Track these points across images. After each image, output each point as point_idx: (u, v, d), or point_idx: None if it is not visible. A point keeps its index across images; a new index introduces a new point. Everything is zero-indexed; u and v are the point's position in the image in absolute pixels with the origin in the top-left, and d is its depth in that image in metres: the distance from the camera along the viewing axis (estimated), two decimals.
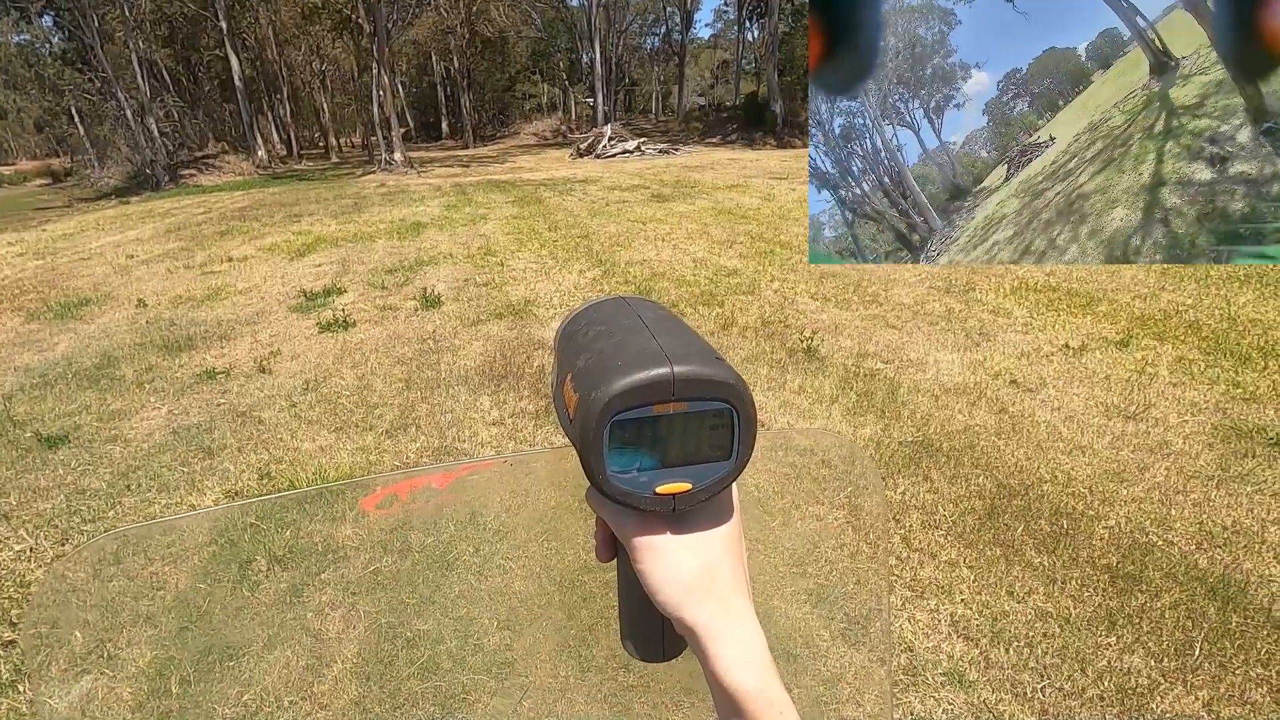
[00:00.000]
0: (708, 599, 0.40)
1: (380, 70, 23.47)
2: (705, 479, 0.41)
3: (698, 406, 0.39)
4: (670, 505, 0.41)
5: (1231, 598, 2.28)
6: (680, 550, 0.41)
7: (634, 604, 0.45)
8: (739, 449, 0.41)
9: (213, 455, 3.45)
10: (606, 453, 0.39)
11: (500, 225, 10.23)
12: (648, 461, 0.40)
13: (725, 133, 31.76)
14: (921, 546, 2.61)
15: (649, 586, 0.41)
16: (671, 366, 0.38)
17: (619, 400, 0.38)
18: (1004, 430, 3.47)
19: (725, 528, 0.43)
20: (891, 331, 4.96)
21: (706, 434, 0.40)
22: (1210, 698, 1.92)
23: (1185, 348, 4.42)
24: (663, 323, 0.44)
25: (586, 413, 0.38)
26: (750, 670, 0.39)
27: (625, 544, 0.43)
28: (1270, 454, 3.16)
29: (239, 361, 4.79)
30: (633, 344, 0.41)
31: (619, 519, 0.43)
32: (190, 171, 23.54)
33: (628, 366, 0.38)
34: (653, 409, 0.38)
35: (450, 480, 0.92)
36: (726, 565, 0.42)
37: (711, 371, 0.39)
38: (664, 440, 0.40)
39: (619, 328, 0.43)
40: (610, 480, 0.40)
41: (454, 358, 4.69)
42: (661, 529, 0.42)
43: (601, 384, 0.38)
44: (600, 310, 0.47)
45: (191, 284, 7.23)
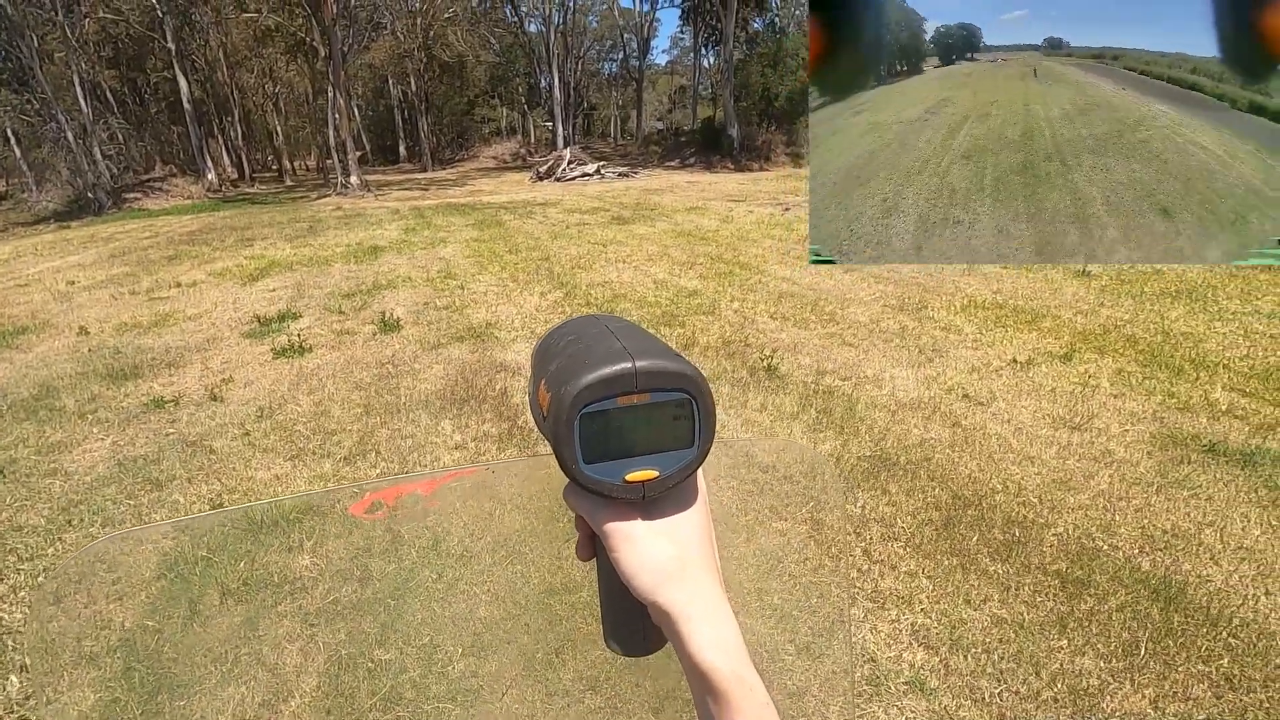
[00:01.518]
0: (680, 582, 0.42)
1: (336, 93, 23.26)
2: (671, 466, 0.44)
3: (659, 397, 0.42)
4: (640, 492, 0.43)
5: (1173, 598, 2.38)
6: (652, 536, 0.43)
7: (614, 598, 0.47)
8: (701, 436, 0.44)
9: (161, 487, 3.33)
10: (578, 444, 0.42)
11: (460, 248, 10.18)
12: (616, 450, 0.43)
13: (684, 156, 32.24)
14: (882, 558, 2.66)
15: (624, 573, 0.43)
16: (634, 361, 0.41)
17: (587, 393, 0.41)
18: (958, 443, 3.58)
19: (694, 514, 0.45)
20: (848, 349, 5.08)
21: (670, 423, 0.43)
22: (1156, 695, 1.99)
23: (1124, 360, 4.64)
24: (628, 330, 0.47)
25: (558, 408, 0.41)
26: (722, 651, 0.40)
27: (600, 534, 0.45)
28: (1204, 460, 3.32)
29: (189, 389, 4.64)
30: (599, 347, 0.44)
31: (593, 510, 0.45)
32: (135, 195, 22.82)
33: (594, 364, 0.42)
34: (618, 401, 0.41)
35: (435, 487, 0.93)
36: (697, 550, 0.44)
37: (670, 364, 0.42)
38: (630, 430, 0.43)
39: (587, 335, 0.47)
40: (583, 471, 0.43)
41: (414, 382, 4.63)
42: (633, 516, 0.44)
43: (570, 380, 0.41)
44: (572, 324, 0.50)
45: (137, 310, 7.00)
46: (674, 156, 32.74)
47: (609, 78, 57.22)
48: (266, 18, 25.20)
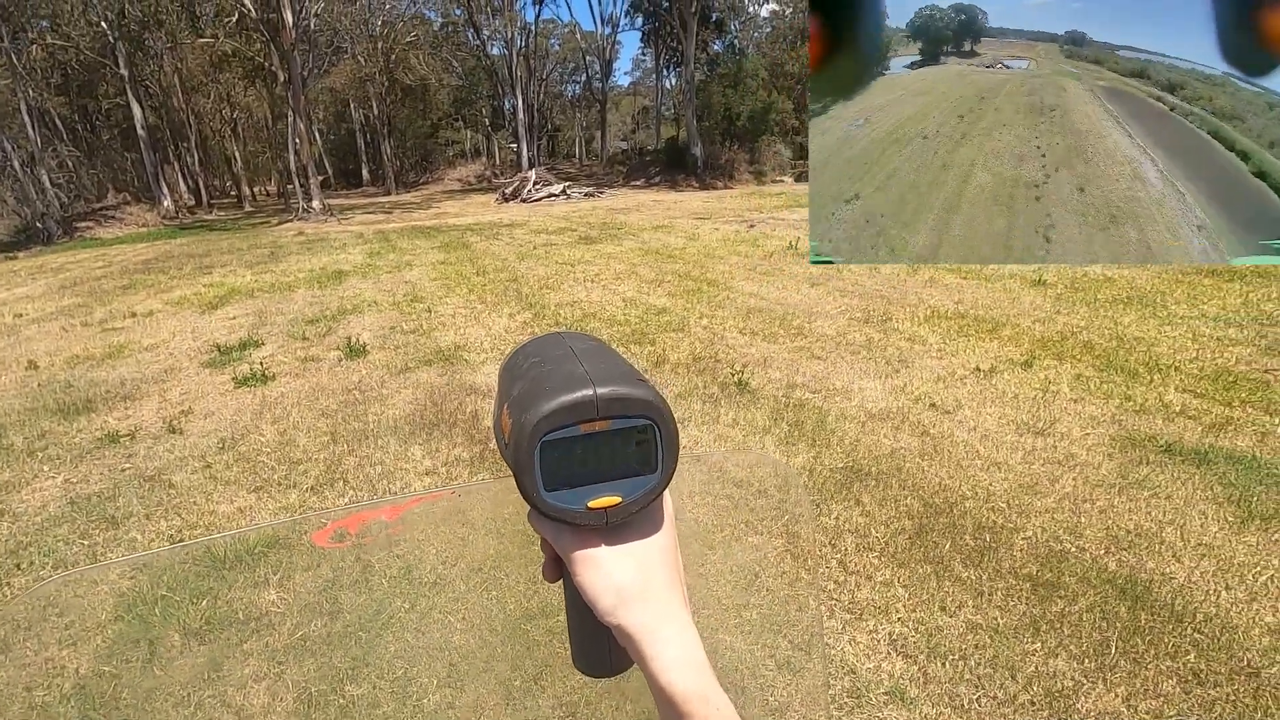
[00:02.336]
0: (644, 604, 0.42)
1: (296, 118, 23.00)
2: (634, 491, 0.43)
3: (621, 424, 0.42)
4: (603, 518, 0.43)
5: (1139, 597, 2.44)
6: (615, 559, 0.43)
7: (580, 620, 0.47)
8: (663, 461, 0.44)
9: (117, 525, 3.20)
10: (539, 473, 0.42)
11: (426, 271, 10.09)
12: (578, 477, 0.43)
13: (649, 175, 32.54)
14: (858, 569, 2.68)
15: (588, 597, 0.43)
16: (595, 388, 0.41)
17: (547, 421, 0.40)
18: (927, 451, 3.63)
19: (658, 536, 0.45)
20: (817, 362, 5.14)
21: (632, 449, 0.43)
22: (1128, 693, 2.03)
23: (1082, 366, 4.77)
24: (592, 352, 0.47)
25: (519, 435, 0.41)
26: (687, 671, 0.40)
27: (564, 559, 0.45)
28: (1161, 460, 3.42)
29: (146, 422, 4.49)
30: (561, 371, 0.44)
31: (557, 536, 0.45)
32: (88, 224, 22.17)
33: (555, 390, 0.41)
34: (580, 428, 0.41)
35: (400, 513, 0.91)
36: (661, 572, 0.44)
37: (632, 391, 0.42)
38: (593, 457, 0.42)
39: (551, 357, 0.46)
40: (544, 499, 0.42)
41: (382, 408, 4.55)
42: (597, 542, 0.44)
43: (531, 408, 0.41)
44: (537, 344, 0.50)
45: (90, 342, 6.77)
46: (639, 176, 33.03)
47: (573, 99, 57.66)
48: (223, 43, 24.89)
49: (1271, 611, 2.36)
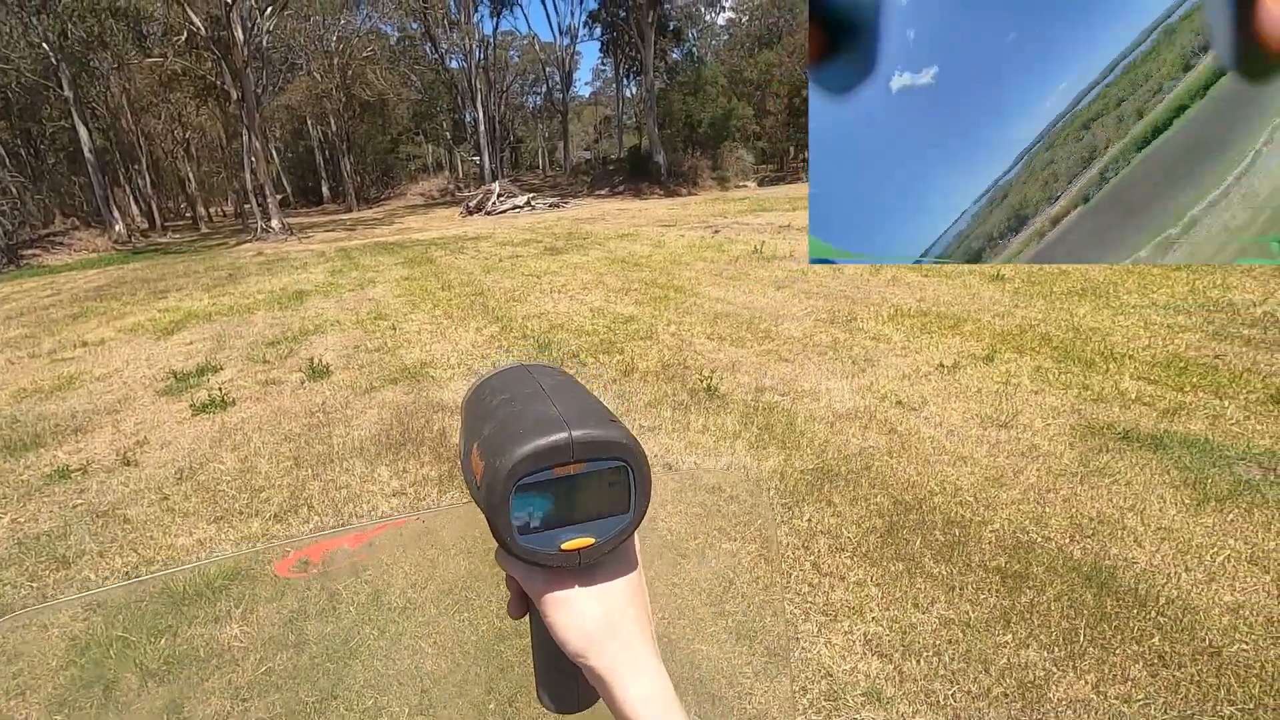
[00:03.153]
0: (611, 644, 0.43)
1: (251, 136, 22.57)
2: (607, 532, 0.44)
3: (595, 466, 0.42)
4: (576, 560, 0.43)
5: (1104, 583, 2.49)
6: (585, 600, 0.44)
7: (547, 656, 0.47)
8: (636, 501, 0.44)
9: (69, 564, 3.07)
10: (512, 516, 0.42)
11: (390, 288, 9.95)
12: (552, 520, 0.43)
13: (612, 184, 32.63)
14: (831, 570, 2.69)
15: (557, 636, 0.44)
16: (569, 431, 0.41)
17: (522, 466, 0.40)
18: (895, 449, 3.67)
19: (628, 576, 0.46)
20: (785, 365, 5.18)
21: (606, 490, 0.43)
22: (1097, 679, 2.06)
23: (1041, 358, 4.88)
24: (561, 389, 0.47)
25: (492, 479, 0.41)
26: (654, 707, 0.41)
27: (534, 600, 0.45)
28: (1120, 448, 3.51)
29: (98, 455, 4.33)
30: (533, 411, 0.43)
31: (528, 576, 0.45)
32: (34, 251, 21.42)
33: (529, 433, 0.41)
34: (554, 471, 0.41)
35: (363, 540, 0.88)
36: (629, 612, 0.45)
37: (606, 433, 0.42)
38: (566, 499, 0.43)
39: (520, 395, 0.46)
40: (518, 542, 0.42)
41: (347, 429, 4.46)
42: (569, 583, 0.44)
43: (505, 451, 0.41)
44: (503, 378, 0.49)
45: (38, 374, 6.52)
46: (603, 185, 33.11)
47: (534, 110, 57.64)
48: (172, 62, 24.34)
49: (1229, 590, 2.42)
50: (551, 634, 0.44)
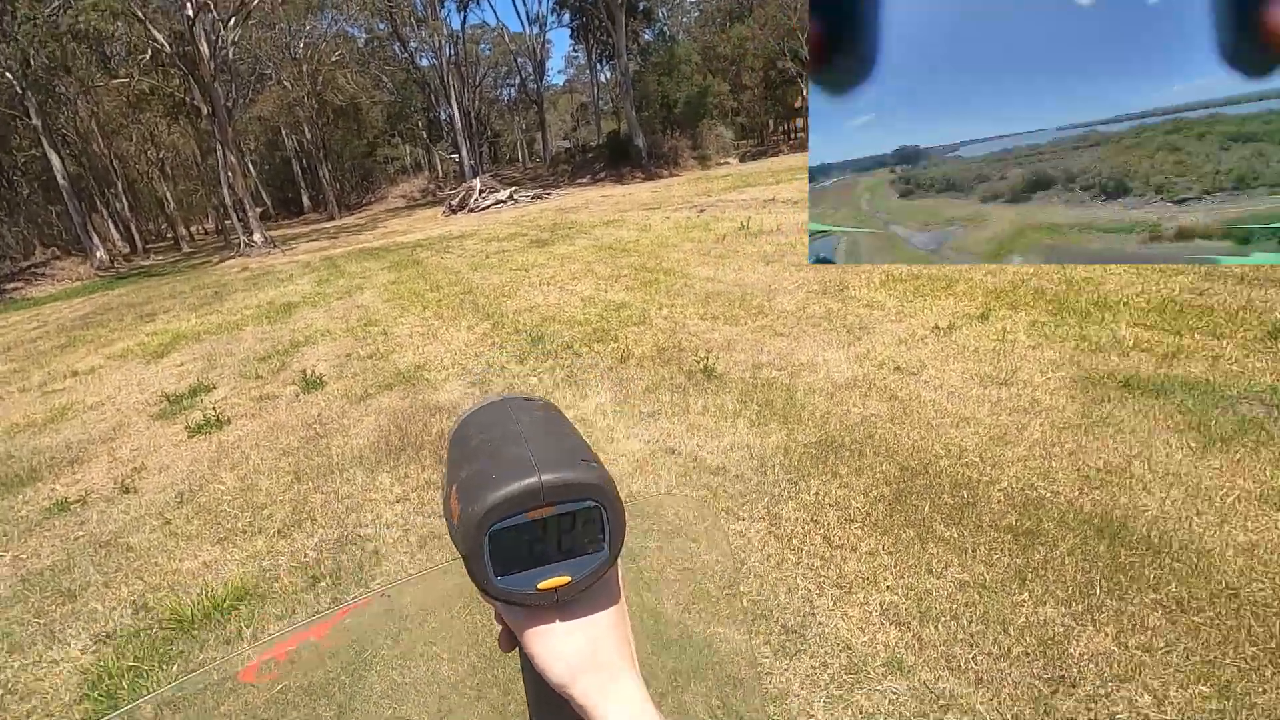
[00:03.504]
0: (593, 674, 0.44)
1: (226, 151, 22.28)
2: (583, 570, 0.45)
3: (567, 507, 0.43)
4: (553, 598, 0.45)
5: (1115, 533, 2.47)
6: (566, 635, 0.46)
7: (536, 687, 0.49)
8: (610, 538, 0.46)
9: (74, 598, 3.04)
10: (488, 560, 0.43)
11: (378, 293, 9.87)
12: (528, 560, 0.44)
13: (594, 172, 32.39)
14: (842, 542, 2.67)
15: (540, 669, 0.46)
16: (539, 476, 0.42)
17: (495, 512, 0.42)
18: (897, 416, 3.65)
19: (609, 609, 0.48)
20: (780, 339, 5.14)
21: (580, 530, 0.45)
22: (1117, 631, 2.05)
23: (1036, 312, 4.86)
24: (538, 426, 0.48)
25: (467, 525, 0.42)
26: None
27: (518, 635, 0.47)
28: (1121, 396, 3.49)
29: (96, 485, 4.28)
30: (507, 454, 0.45)
31: (510, 613, 0.47)
32: (16, 285, 21.21)
33: (501, 480, 0.42)
34: (527, 515, 0.43)
35: (328, 629, 0.85)
36: (610, 641, 0.46)
37: (577, 475, 0.43)
38: (541, 541, 0.44)
39: (496, 436, 0.47)
40: (495, 584, 0.44)
41: (345, 439, 4.42)
42: (550, 618, 0.46)
43: (479, 498, 0.42)
44: (483, 416, 0.51)
45: (30, 408, 6.46)
46: (584, 173, 32.87)
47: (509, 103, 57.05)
48: (139, 82, 23.95)
49: (1242, 531, 2.41)
50: (535, 665, 0.46)
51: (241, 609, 2.77)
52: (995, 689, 1.92)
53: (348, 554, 3.05)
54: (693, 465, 3.44)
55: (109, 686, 2.42)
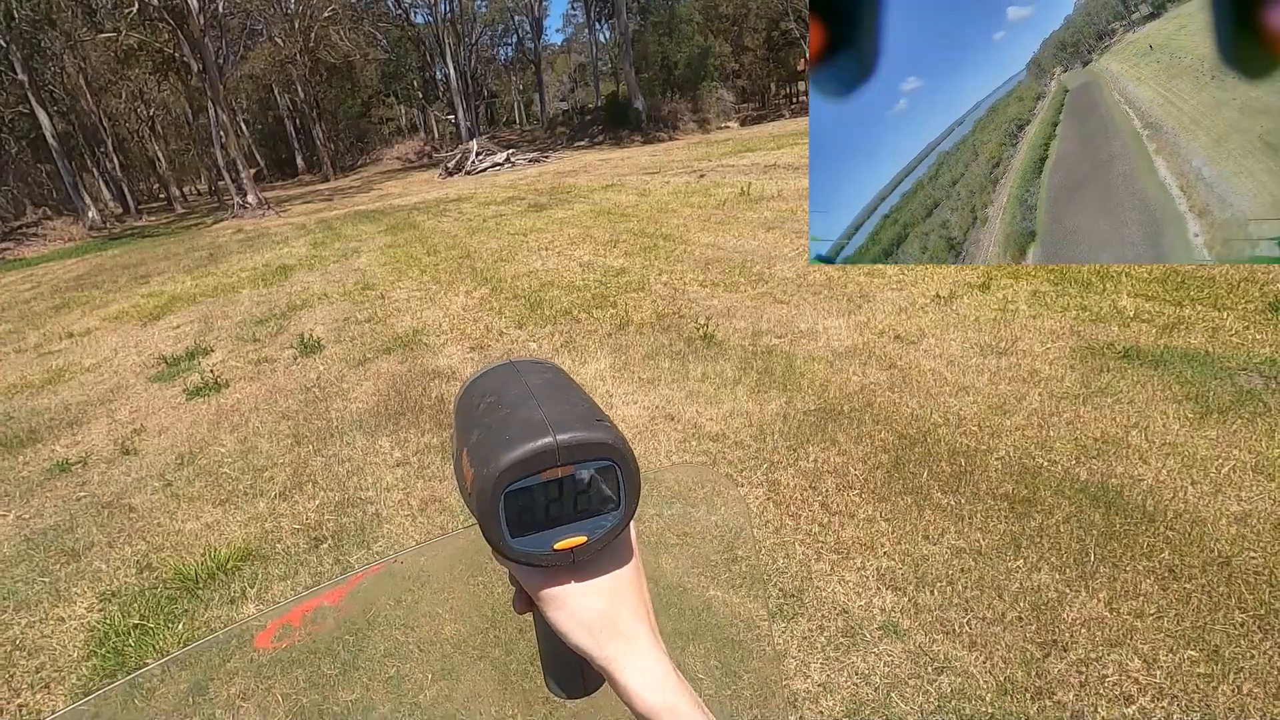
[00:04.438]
0: (612, 635, 0.44)
1: (217, 109, 21.87)
2: (599, 530, 0.44)
3: (583, 467, 0.43)
4: (569, 558, 0.44)
5: (1111, 502, 2.50)
6: (583, 596, 0.45)
7: (551, 647, 0.48)
8: (625, 498, 0.45)
9: (78, 557, 3.07)
10: (504, 522, 0.42)
11: (375, 256, 9.78)
12: (544, 521, 0.43)
13: (592, 135, 31.91)
14: (840, 509, 2.69)
15: (559, 631, 0.45)
16: (554, 435, 0.41)
17: (509, 474, 0.41)
18: (896, 384, 3.66)
19: (625, 569, 0.47)
20: (780, 307, 5.12)
21: (595, 490, 0.44)
22: (1109, 597, 2.09)
23: (1037, 282, 4.84)
24: (548, 388, 0.47)
25: (482, 488, 0.42)
26: (656, 692, 0.43)
27: (534, 597, 0.46)
28: (1121, 366, 3.50)
29: (96, 447, 4.29)
30: (519, 416, 0.44)
31: (525, 575, 0.46)
32: (7, 245, 20.99)
33: (515, 440, 0.42)
34: (541, 475, 0.42)
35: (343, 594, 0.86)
36: (628, 602, 0.46)
37: (591, 435, 0.43)
38: (556, 501, 0.43)
39: (507, 397, 0.46)
40: (510, 545, 0.43)
41: (344, 402, 4.42)
42: (565, 579, 0.45)
43: (492, 459, 0.41)
44: (491, 379, 0.50)
45: (26, 369, 6.44)
46: (582, 136, 32.38)
47: (506, 63, 55.87)
48: (127, 36, 23.37)
49: (1236, 500, 2.44)
50: (553, 627, 0.46)
51: (245, 569, 2.80)
52: (989, 652, 1.96)
53: (349, 516, 3.08)
54: (692, 432, 3.45)
55: (116, 644, 2.45)
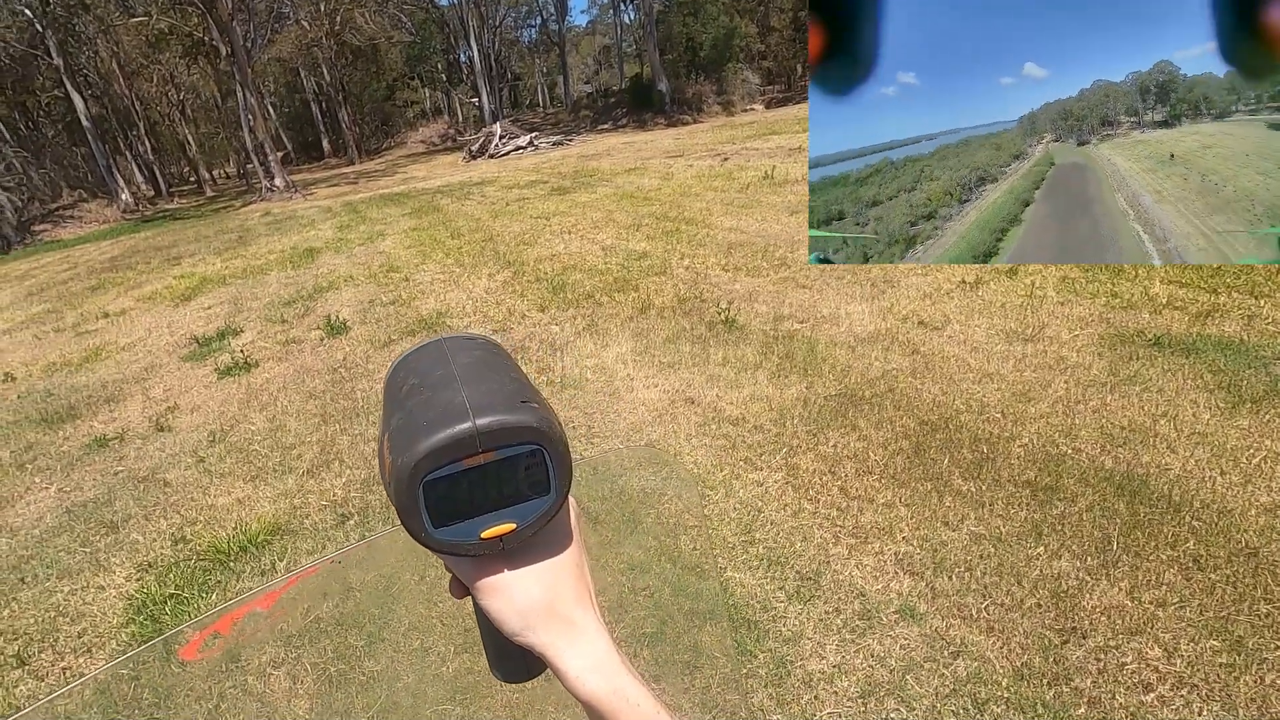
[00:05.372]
0: (550, 621, 0.43)
1: (245, 93, 22.09)
2: (529, 515, 0.42)
3: (507, 452, 0.40)
4: (499, 546, 0.42)
5: (1136, 491, 2.47)
6: (518, 583, 0.43)
7: (492, 631, 0.46)
8: (556, 482, 0.43)
9: (117, 529, 3.18)
10: (425, 512, 0.40)
11: (399, 239, 9.87)
12: (468, 509, 0.41)
13: (616, 118, 31.70)
14: (860, 494, 2.69)
15: (495, 620, 0.43)
16: (474, 420, 0.39)
17: (427, 462, 0.39)
18: (918, 370, 3.63)
19: (563, 554, 0.45)
20: (803, 291, 5.09)
21: (522, 475, 0.41)
22: (1131, 586, 2.07)
23: (1066, 268, 4.74)
24: (474, 367, 0.45)
25: (399, 477, 0.39)
26: (598, 676, 0.42)
27: (469, 586, 0.45)
28: (1151, 354, 3.43)
29: (132, 423, 4.43)
30: (439, 400, 0.41)
31: (456, 565, 0.45)
32: (45, 226, 21.53)
33: (432, 426, 0.39)
34: (463, 463, 0.40)
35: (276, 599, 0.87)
36: (567, 586, 0.44)
37: (514, 419, 0.40)
38: (480, 489, 0.41)
39: (430, 381, 0.44)
40: (434, 537, 0.41)
41: (370, 383, 4.50)
42: (498, 567, 0.43)
43: (409, 447, 0.39)
44: (417, 359, 0.47)
45: (65, 348, 6.63)
46: (605, 119, 32.19)
47: (530, 45, 55.59)
48: (158, 20, 23.66)
49: (1266, 491, 2.39)
50: (488, 616, 0.44)
51: (274, 544, 2.89)
52: (1006, 638, 1.95)
53: (375, 494, 3.15)
54: (712, 416, 3.46)
55: (153, 612, 2.55)
